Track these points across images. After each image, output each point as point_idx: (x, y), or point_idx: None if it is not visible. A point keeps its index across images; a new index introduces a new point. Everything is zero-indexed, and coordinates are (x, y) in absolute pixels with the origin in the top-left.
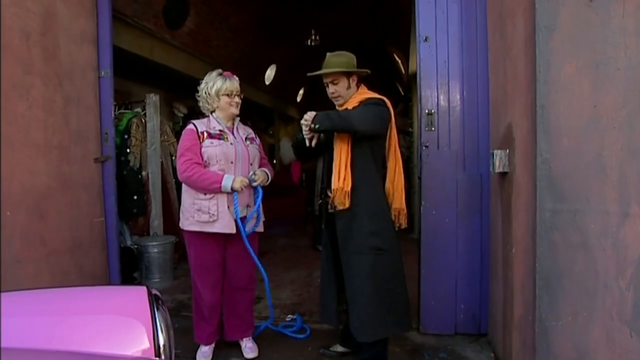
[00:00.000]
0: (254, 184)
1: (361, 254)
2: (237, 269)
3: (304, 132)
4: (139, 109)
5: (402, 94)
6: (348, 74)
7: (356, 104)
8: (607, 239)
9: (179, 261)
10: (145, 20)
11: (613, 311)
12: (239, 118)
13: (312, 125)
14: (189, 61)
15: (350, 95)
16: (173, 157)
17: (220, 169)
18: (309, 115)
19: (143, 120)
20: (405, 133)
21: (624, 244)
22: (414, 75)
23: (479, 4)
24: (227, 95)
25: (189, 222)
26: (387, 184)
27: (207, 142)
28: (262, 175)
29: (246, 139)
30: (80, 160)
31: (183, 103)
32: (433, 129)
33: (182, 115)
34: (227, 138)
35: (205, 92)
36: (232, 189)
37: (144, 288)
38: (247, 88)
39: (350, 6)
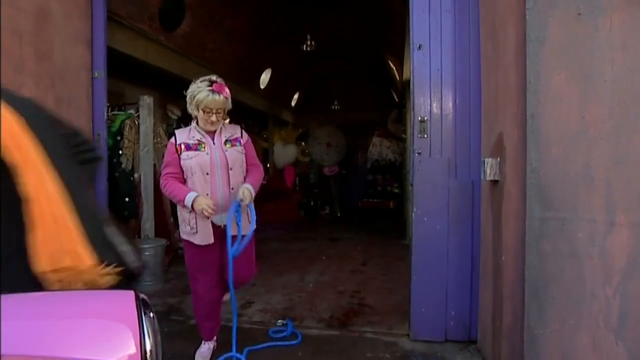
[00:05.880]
0: (244, 202)
1: None
2: (236, 268)
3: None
4: (132, 111)
5: (397, 100)
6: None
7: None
8: (594, 247)
9: (170, 264)
10: (140, 22)
11: (600, 319)
12: (228, 120)
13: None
14: (183, 64)
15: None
16: None
17: (197, 180)
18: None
19: (136, 122)
20: (398, 139)
21: (610, 253)
22: (408, 82)
23: (472, 14)
24: (204, 111)
25: (181, 230)
26: None
27: (184, 154)
28: (247, 194)
29: (226, 141)
30: None
31: (177, 105)
32: (425, 136)
33: (175, 117)
34: (204, 148)
35: (191, 97)
36: (192, 207)
37: (131, 292)
38: (242, 92)
39: (346, 12)
